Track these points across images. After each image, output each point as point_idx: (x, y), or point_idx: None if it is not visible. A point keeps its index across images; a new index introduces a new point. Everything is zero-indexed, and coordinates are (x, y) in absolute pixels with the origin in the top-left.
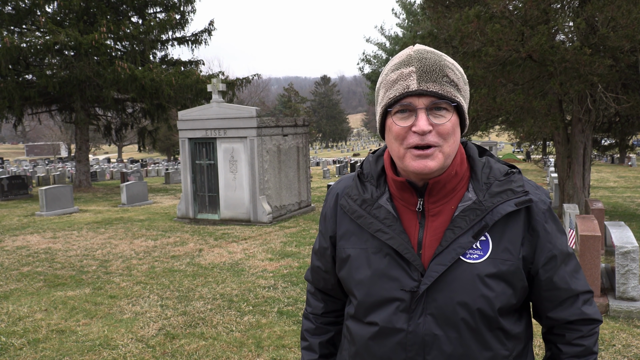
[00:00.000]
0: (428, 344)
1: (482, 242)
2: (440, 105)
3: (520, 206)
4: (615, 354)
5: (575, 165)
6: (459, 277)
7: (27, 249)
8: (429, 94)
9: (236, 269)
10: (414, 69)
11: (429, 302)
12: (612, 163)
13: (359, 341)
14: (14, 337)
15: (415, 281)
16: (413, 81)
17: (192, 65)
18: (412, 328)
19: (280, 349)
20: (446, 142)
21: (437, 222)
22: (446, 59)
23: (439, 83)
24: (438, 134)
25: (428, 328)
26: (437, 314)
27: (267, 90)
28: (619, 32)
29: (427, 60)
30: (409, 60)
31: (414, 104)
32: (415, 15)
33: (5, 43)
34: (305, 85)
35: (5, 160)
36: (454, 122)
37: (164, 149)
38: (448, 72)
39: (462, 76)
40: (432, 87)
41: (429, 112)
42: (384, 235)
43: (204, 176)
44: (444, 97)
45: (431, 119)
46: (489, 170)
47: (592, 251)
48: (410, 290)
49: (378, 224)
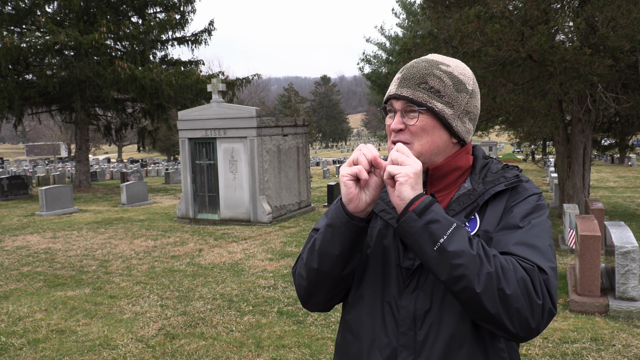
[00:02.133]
0: (419, 318)
1: (472, 221)
2: (412, 109)
3: (509, 185)
4: (615, 354)
5: (575, 165)
6: None
7: (27, 249)
8: (402, 98)
9: (236, 269)
10: (400, 75)
11: (422, 279)
12: (612, 163)
13: (356, 317)
14: (14, 337)
15: (411, 259)
16: (395, 86)
17: (192, 65)
18: (404, 303)
19: (280, 349)
20: (417, 141)
21: None
22: (442, 68)
23: (413, 89)
24: (410, 133)
25: (420, 302)
26: (428, 289)
27: (267, 90)
28: (619, 32)
29: (414, 68)
30: (404, 67)
31: (394, 105)
32: (415, 15)
33: (5, 43)
34: (305, 85)
35: (5, 160)
36: (426, 124)
37: (164, 149)
38: (430, 80)
39: (455, 84)
40: (405, 92)
41: (403, 114)
42: (386, 214)
43: (204, 176)
44: (413, 101)
45: (405, 119)
46: (487, 167)
47: (592, 251)
48: (406, 267)
49: (383, 205)
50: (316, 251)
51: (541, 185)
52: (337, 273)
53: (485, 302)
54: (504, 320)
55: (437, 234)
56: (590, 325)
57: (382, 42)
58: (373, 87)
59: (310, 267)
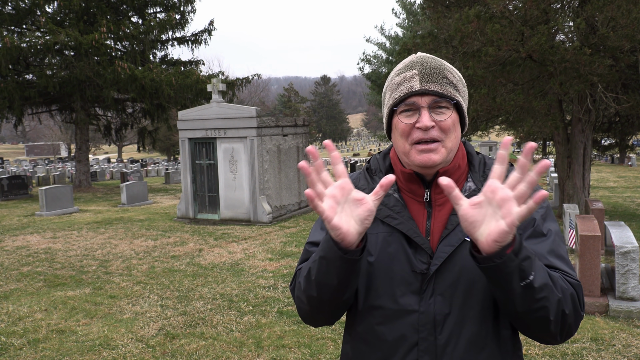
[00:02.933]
0: (439, 323)
1: None
2: (441, 104)
3: None
4: (615, 354)
5: (575, 165)
6: (465, 257)
7: (27, 249)
8: (430, 93)
9: (236, 269)
10: (417, 72)
11: (439, 283)
12: (612, 163)
13: (367, 328)
14: (14, 337)
15: (424, 263)
16: (416, 82)
17: (192, 65)
18: (423, 309)
19: (280, 349)
20: (448, 137)
21: (443, 211)
22: (446, 64)
23: (440, 83)
24: (440, 130)
25: (439, 307)
26: (446, 293)
27: (267, 90)
28: (619, 32)
29: (429, 64)
30: (411, 64)
31: (418, 102)
32: (415, 15)
33: (5, 43)
34: (305, 85)
35: (5, 160)
36: (454, 119)
37: (164, 149)
38: (447, 75)
39: (461, 79)
40: (433, 87)
41: (431, 110)
42: (393, 220)
43: (204, 176)
44: (444, 95)
45: (433, 115)
46: (484, 164)
47: (592, 251)
48: (420, 272)
49: (387, 211)
50: (313, 281)
51: (541, 185)
52: (339, 299)
53: (552, 325)
54: (557, 334)
55: (527, 271)
56: (590, 325)
57: (382, 42)
58: (373, 87)
59: (309, 295)
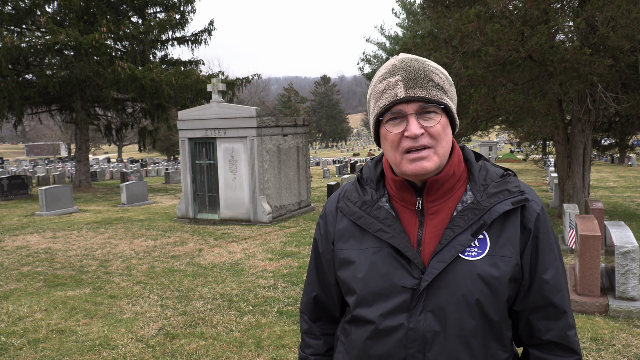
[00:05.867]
0: (428, 340)
1: (480, 240)
2: (429, 109)
3: (517, 205)
4: (615, 353)
5: (575, 165)
6: (458, 273)
7: (27, 249)
8: (416, 100)
9: (236, 268)
10: (400, 77)
11: (429, 299)
12: (612, 163)
13: (356, 342)
14: (14, 337)
15: (415, 279)
16: (400, 89)
17: (192, 65)
18: (412, 325)
19: (280, 348)
20: (439, 143)
21: (435, 220)
22: (430, 64)
23: (425, 88)
24: (430, 136)
25: (428, 325)
26: (437, 310)
27: (267, 90)
28: (619, 32)
29: (412, 67)
30: (394, 69)
31: (404, 110)
32: (415, 15)
33: (5, 43)
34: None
35: (5, 160)
36: (444, 124)
37: (164, 149)
38: (433, 77)
39: (447, 79)
40: (419, 92)
41: (418, 117)
42: (384, 234)
43: (204, 176)
44: (431, 100)
45: (421, 122)
46: (485, 173)
47: (592, 251)
48: (411, 288)
49: (378, 224)
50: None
51: (541, 185)
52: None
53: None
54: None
55: None
56: (590, 325)
57: (382, 42)
58: None
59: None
